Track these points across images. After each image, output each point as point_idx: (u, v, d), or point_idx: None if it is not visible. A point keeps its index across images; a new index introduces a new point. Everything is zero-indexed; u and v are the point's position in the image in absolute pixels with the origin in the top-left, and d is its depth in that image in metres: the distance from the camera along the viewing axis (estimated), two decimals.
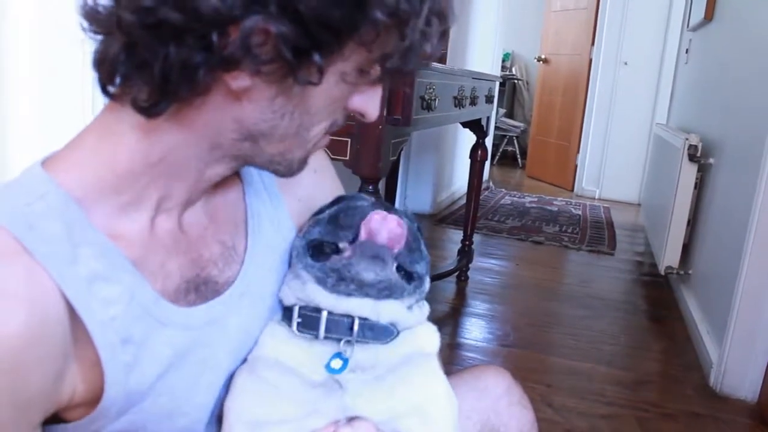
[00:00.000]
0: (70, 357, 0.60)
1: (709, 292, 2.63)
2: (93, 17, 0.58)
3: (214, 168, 0.68)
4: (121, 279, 0.62)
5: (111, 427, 0.64)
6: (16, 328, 0.53)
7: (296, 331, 0.74)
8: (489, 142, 3.47)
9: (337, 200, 0.80)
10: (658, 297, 3.25)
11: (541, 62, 6.71)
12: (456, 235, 3.39)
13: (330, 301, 0.74)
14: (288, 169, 0.70)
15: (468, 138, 3.09)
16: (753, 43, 2.53)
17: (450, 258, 3.39)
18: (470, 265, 3.24)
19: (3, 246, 0.55)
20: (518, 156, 7.62)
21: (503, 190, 5.90)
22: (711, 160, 2.90)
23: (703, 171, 3.00)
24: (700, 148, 2.90)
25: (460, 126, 3.04)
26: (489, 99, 3.08)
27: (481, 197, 3.45)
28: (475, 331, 2.67)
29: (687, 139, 2.92)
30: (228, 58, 0.55)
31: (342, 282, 0.72)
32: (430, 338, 0.83)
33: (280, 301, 0.79)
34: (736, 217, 2.33)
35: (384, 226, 0.73)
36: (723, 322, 2.26)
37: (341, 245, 0.74)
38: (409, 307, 0.79)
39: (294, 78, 0.58)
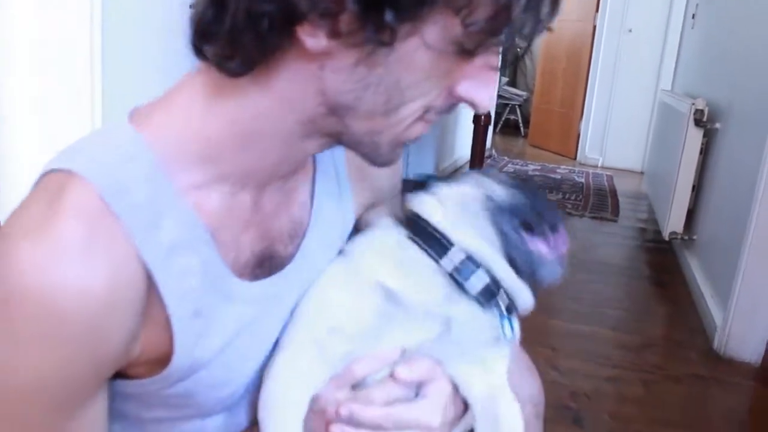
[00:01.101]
0: (145, 319, 0.59)
1: (714, 256, 2.63)
2: None
3: (305, 143, 0.64)
4: (200, 250, 0.61)
5: (166, 391, 0.65)
6: (99, 287, 0.53)
7: (447, 269, 0.70)
8: (492, 108, 3.45)
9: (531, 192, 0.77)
10: (662, 262, 3.25)
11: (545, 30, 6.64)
12: None
13: (494, 264, 0.71)
14: (375, 152, 0.64)
15: None
16: (761, 7, 2.50)
17: None
18: None
19: (91, 206, 0.54)
20: (521, 124, 7.59)
21: (506, 158, 5.88)
22: (717, 125, 2.88)
23: (709, 136, 2.98)
24: (706, 112, 2.88)
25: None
26: None
27: (483, 165, 3.43)
28: None
29: (693, 103, 2.90)
30: (292, 7, 0.51)
31: (524, 269, 0.72)
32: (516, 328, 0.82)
33: (410, 213, 0.75)
34: (742, 182, 2.32)
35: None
36: (727, 286, 2.27)
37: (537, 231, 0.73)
38: None
39: (368, 39, 0.52)
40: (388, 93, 0.57)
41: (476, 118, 3.02)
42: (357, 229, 0.81)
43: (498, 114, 7.12)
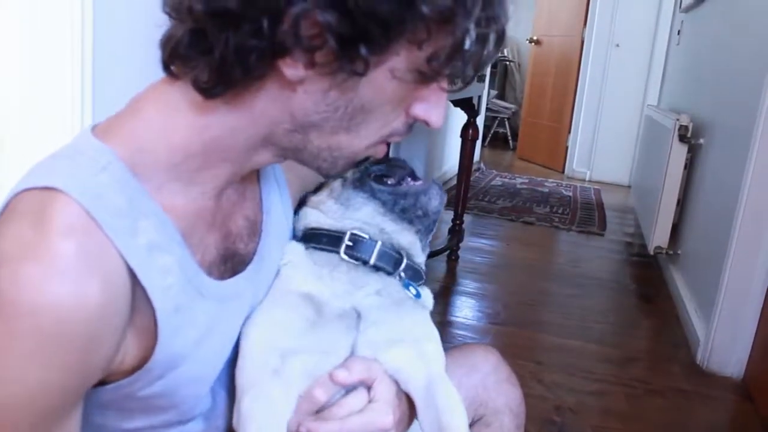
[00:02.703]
0: (128, 326, 0.63)
1: (698, 271, 2.65)
2: (168, 3, 0.62)
3: (261, 155, 0.69)
4: (173, 250, 0.65)
5: (147, 390, 0.67)
6: (93, 303, 0.56)
7: (343, 255, 0.79)
8: (480, 122, 3.47)
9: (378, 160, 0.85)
10: (647, 276, 3.28)
11: (533, 44, 6.70)
12: (446, 215, 3.39)
13: (387, 226, 0.81)
14: (332, 165, 0.70)
15: (459, 118, 3.09)
16: (744, 25, 2.54)
17: (440, 237, 3.40)
18: (461, 245, 3.25)
19: (77, 220, 0.57)
20: (509, 138, 7.62)
21: (494, 171, 5.90)
22: (701, 141, 2.91)
23: (693, 152, 3.01)
24: (690, 128, 2.92)
25: (451, 105, 3.04)
26: (481, 78, 3.07)
27: (472, 178, 3.45)
28: (465, 309, 2.69)
29: (678, 119, 2.93)
30: (279, 44, 0.57)
31: (412, 207, 0.80)
32: (429, 296, 0.88)
33: (304, 227, 0.84)
34: (725, 198, 2.34)
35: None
36: (710, 300, 2.29)
37: (395, 181, 0.83)
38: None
39: (342, 68, 0.59)
40: (354, 114, 0.64)
41: (464, 132, 3.04)
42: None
43: (487, 127, 7.15)
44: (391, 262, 0.80)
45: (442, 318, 2.56)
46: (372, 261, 0.79)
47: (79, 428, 0.64)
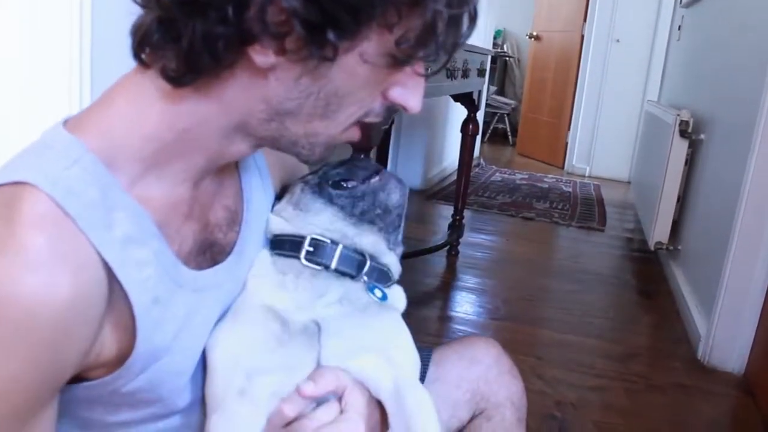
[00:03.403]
0: (104, 320, 0.62)
1: (698, 267, 2.65)
2: None
3: (237, 145, 0.69)
4: (149, 242, 0.64)
5: (131, 385, 0.67)
6: (63, 295, 0.55)
7: (304, 260, 0.77)
8: (480, 117, 3.46)
9: (341, 162, 0.84)
10: (648, 272, 3.27)
11: (533, 39, 6.69)
12: (446, 211, 3.40)
13: (348, 231, 0.79)
14: (310, 152, 0.69)
15: (459, 113, 3.09)
16: (745, 20, 2.53)
17: (440, 233, 3.40)
18: (461, 240, 3.24)
19: (47, 213, 0.56)
20: (509, 134, 7.62)
21: (494, 167, 5.90)
22: (702, 136, 2.90)
23: (694, 147, 3.00)
24: (691, 123, 2.91)
25: (451, 101, 3.03)
26: (481, 72, 3.06)
27: (471, 174, 3.44)
28: (465, 304, 2.69)
29: (678, 114, 2.93)
30: (246, 31, 0.56)
31: (370, 208, 0.79)
32: (400, 296, 0.86)
33: (270, 234, 0.83)
34: (726, 193, 2.34)
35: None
36: (711, 296, 2.28)
37: (356, 183, 0.81)
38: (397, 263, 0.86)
39: (311, 54, 0.58)
40: (328, 99, 0.63)
41: (465, 127, 3.03)
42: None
43: (486, 123, 7.14)
44: (354, 265, 0.78)
45: (442, 313, 2.56)
46: (333, 265, 0.77)
47: (54, 423, 0.64)
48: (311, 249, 0.77)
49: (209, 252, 0.74)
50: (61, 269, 0.55)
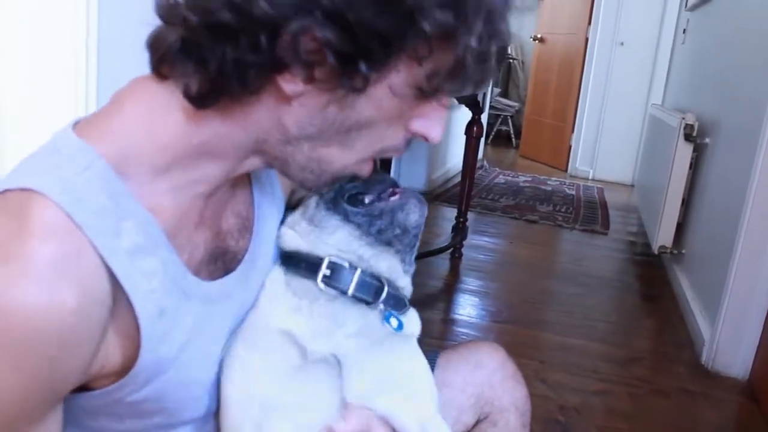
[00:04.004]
0: (108, 331, 0.61)
1: (702, 271, 2.64)
2: (161, 6, 0.61)
3: (251, 161, 0.68)
4: (157, 252, 0.64)
5: (135, 395, 0.66)
6: (67, 309, 0.54)
7: (320, 284, 0.74)
8: (484, 119, 3.46)
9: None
10: (651, 276, 3.26)
11: (537, 41, 6.68)
12: (450, 213, 3.38)
13: (364, 252, 0.76)
14: (317, 179, 0.69)
15: (463, 116, 3.08)
16: (751, 23, 2.52)
17: (444, 235, 3.39)
18: (464, 243, 3.23)
19: (55, 223, 0.55)
20: (512, 136, 7.61)
21: (497, 169, 5.89)
22: (707, 140, 2.89)
23: (699, 151, 2.99)
24: (696, 127, 2.90)
25: (456, 103, 3.02)
26: None
27: (475, 176, 3.44)
28: (468, 307, 2.68)
29: (683, 118, 2.92)
30: (278, 59, 0.56)
31: (389, 227, 0.75)
32: (415, 321, 0.84)
33: (283, 249, 0.80)
34: (731, 197, 2.33)
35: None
36: (715, 300, 2.27)
37: (373, 197, 0.78)
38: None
39: (341, 84, 0.58)
40: (350, 128, 0.63)
41: (469, 129, 3.03)
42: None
43: (490, 125, 7.13)
44: (372, 291, 0.76)
45: (445, 316, 2.55)
46: (351, 292, 0.74)
47: None
48: (329, 272, 0.74)
49: (221, 260, 0.73)
50: (66, 282, 0.54)
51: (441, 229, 3.68)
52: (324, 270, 0.74)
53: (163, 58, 0.61)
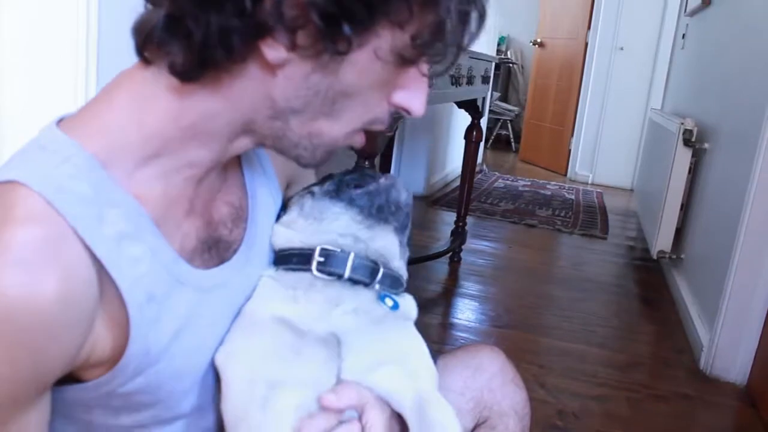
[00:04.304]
0: (96, 319, 0.61)
1: (701, 276, 2.64)
2: None
3: (241, 141, 0.69)
4: (145, 238, 0.64)
5: (126, 387, 0.66)
6: (48, 295, 0.54)
7: (315, 271, 0.76)
8: (483, 124, 3.46)
9: (348, 171, 0.85)
10: (650, 281, 3.27)
11: (537, 46, 6.69)
12: (449, 217, 3.39)
13: (361, 234, 0.78)
14: (311, 154, 0.69)
15: (462, 120, 3.09)
16: (750, 29, 2.53)
17: (443, 239, 3.39)
18: (463, 247, 3.24)
19: (36, 211, 0.56)
20: (512, 140, 7.62)
21: (496, 173, 5.89)
22: (706, 146, 2.90)
23: (698, 156, 3.00)
24: (695, 132, 2.91)
25: (455, 107, 3.03)
26: (485, 79, 3.07)
27: (474, 180, 3.44)
28: (467, 311, 2.68)
29: (682, 123, 2.93)
30: (262, 24, 0.56)
31: (386, 204, 0.78)
32: (411, 305, 0.85)
33: (274, 248, 0.81)
34: (730, 203, 2.33)
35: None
36: (714, 305, 2.28)
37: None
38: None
39: (325, 49, 0.58)
40: (335, 98, 0.63)
41: (468, 133, 3.03)
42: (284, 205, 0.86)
43: (489, 129, 7.14)
44: (367, 272, 0.77)
45: (444, 320, 2.55)
46: (347, 274, 0.76)
47: (45, 426, 0.63)
48: (322, 259, 0.76)
49: (215, 249, 0.73)
50: (48, 268, 0.54)
51: (440, 234, 3.68)
52: (317, 257, 0.76)
53: (148, 39, 0.61)
